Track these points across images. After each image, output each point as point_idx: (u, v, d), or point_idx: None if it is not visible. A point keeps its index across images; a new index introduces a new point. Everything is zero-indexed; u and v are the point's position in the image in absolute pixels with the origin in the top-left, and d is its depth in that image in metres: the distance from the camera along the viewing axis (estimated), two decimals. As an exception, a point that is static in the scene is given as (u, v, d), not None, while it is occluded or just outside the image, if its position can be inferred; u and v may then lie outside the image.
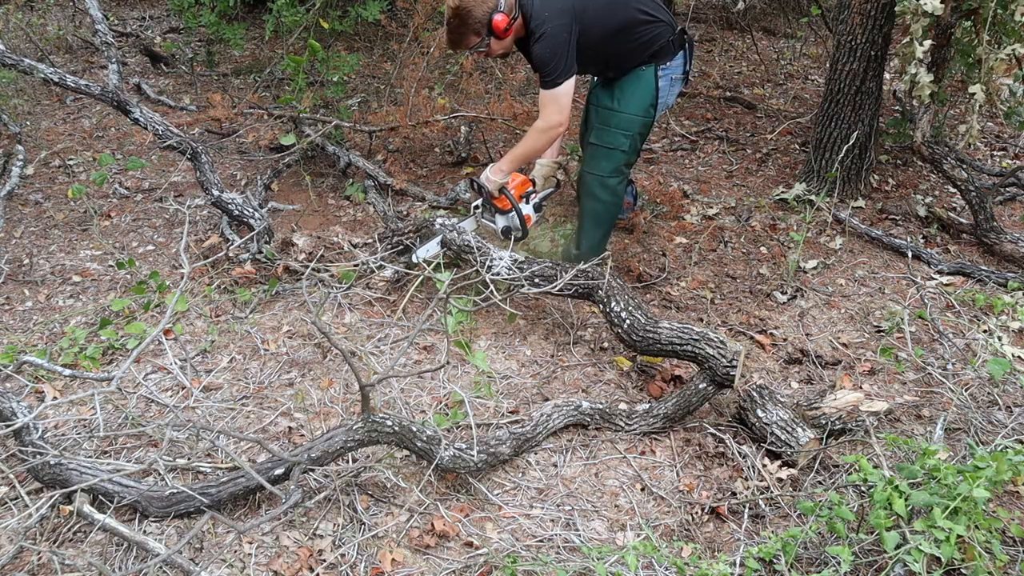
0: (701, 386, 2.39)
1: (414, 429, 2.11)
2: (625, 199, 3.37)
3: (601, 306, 2.66)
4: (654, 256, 3.43)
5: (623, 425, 2.41)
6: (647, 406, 2.46)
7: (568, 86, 2.69)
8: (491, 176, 2.91)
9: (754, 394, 2.42)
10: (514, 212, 2.91)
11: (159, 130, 3.23)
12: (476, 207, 3.03)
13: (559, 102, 2.71)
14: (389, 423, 2.09)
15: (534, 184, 3.04)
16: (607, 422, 2.42)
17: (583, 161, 3.03)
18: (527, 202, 2.98)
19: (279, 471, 2.03)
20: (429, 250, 2.94)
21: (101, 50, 3.18)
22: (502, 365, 2.73)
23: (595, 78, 3.03)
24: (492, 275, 2.70)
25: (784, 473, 2.24)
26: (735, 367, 2.31)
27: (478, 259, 2.74)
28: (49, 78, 3.13)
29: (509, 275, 2.73)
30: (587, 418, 2.41)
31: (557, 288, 2.68)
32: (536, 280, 2.72)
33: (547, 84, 2.70)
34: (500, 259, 2.75)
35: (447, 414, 2.44)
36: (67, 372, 2.06)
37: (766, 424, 2.32)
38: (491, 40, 2.72)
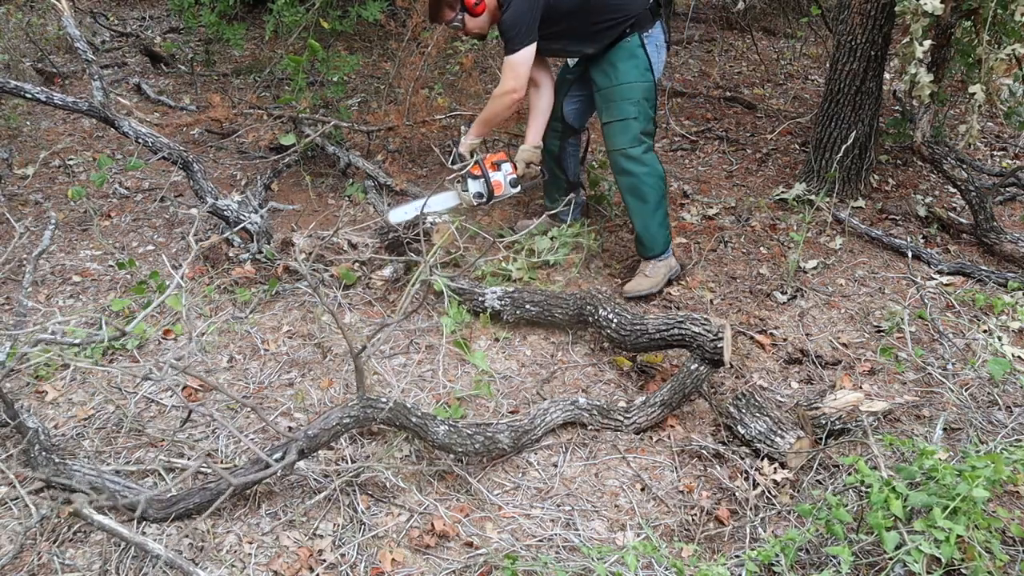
0: (693, 367, 2.41)
1: (408, 406, 2.15)
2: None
3: (591, 319, 2.70)
4: (654, 256, 3.42)
5: (621, 420, 2.41)
6: (643, 398, 2.47)
7: (526, 54, 2.78)
8: (463, 140, 3.07)
9: (731, 409, 2.43)
10: (484, 178, 3.06)
11: (148, 143, 3.24)
12: (456, 180, 3.17)
13: (516, 70, 2.81)
14: (383, 401, 2.12)
15: (515, 166, 3.15)
16: (605, 418, 2.42)
17: (605, 144, 3.09)
18: (498, 170, 3.11)
19: (277, 455, 2.03)
20: (408, 213, 3.14)
21: (93, 60, 3.20)
22: (502, 365, 2.73)
23: (584, 65, 3.06)
24: (481, 307, 2.85)
25: (780, 476, 2.24)
26: (722, 339, 2.35)
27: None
28: (36, 98, 3.16)
29: (501, 306, 2.83)
30: (585, 413, 2.41)
31: (548, 318, 2.82)
32: (527, 307, 2.83)
33: (508, 51, 2.80)
34: (492, 292, 2.85)
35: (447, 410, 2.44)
36: (78, 338, 2.06)
37: (749, 440, 2.36)
38: (465, 16, 2.85)
